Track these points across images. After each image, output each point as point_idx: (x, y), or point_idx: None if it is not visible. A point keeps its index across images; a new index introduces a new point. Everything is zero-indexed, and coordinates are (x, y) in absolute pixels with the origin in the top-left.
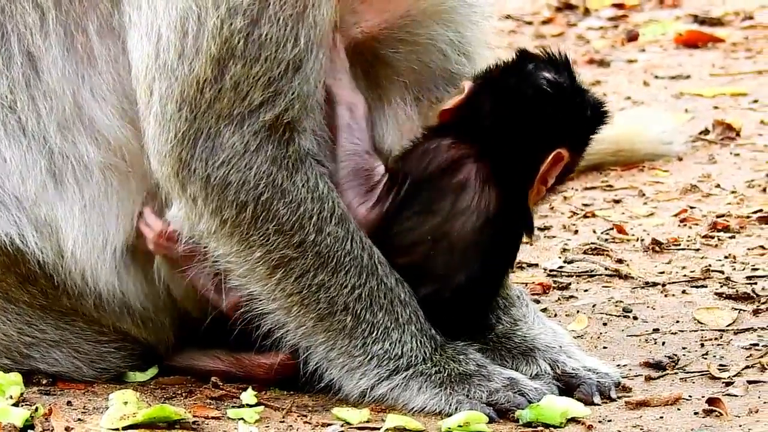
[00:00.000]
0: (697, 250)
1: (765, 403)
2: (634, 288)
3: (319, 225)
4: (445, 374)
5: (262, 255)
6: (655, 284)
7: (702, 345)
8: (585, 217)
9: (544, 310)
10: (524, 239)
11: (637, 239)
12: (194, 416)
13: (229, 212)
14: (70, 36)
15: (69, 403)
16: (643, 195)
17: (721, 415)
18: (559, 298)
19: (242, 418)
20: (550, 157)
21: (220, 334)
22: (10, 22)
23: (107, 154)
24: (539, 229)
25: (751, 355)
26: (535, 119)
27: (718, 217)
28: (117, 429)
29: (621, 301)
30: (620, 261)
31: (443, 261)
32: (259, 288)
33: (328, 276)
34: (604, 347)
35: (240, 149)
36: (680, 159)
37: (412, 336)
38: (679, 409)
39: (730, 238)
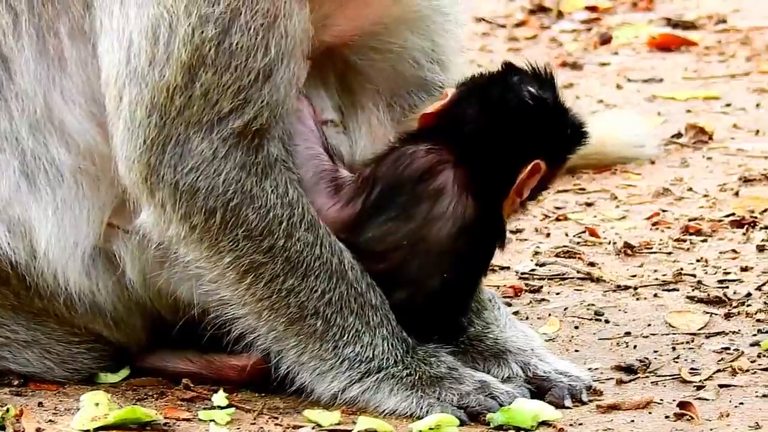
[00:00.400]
0: (669, 253)
1: (736, 407)
2: (606, 291)
3: (288, 230)
4: (417, 377)
5: (231, 260)
6: (626, 287)
7: (673, 348)
8: (557, 220)
9: (515, 313)
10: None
11: (609, 242)
12: (165, 418)
13: (198, 218)
14: (42, 38)
15: (40, 404)
16: (616, 198)
17: (692, 418)
18: (530, 301)
19: (213, 420)
20: (528, 169)
21: (192, 336)
22: None
23: (77, 157)
24: (511, 231)
25: (722, 359)
26: (515, 130)
27: (690, 220)
28: (88, 430)
29: (593, 305)
30: (592, 264)
31: (418, 266)
32: (230, 293)
33: (297, 281)
34: (576, 350)
35: (209, 156)
36: (653, 162)
37: (383, 339)
38: (650, 413)
39: (702, 241)
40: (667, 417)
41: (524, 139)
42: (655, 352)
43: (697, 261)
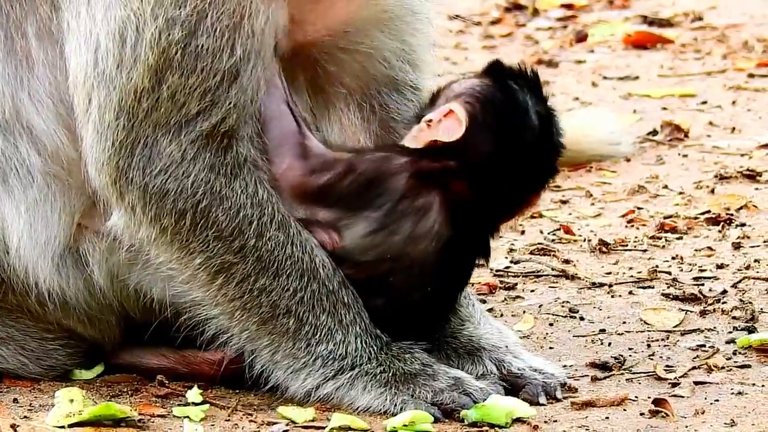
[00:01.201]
0: (645, 250)
1: (711, 404)
2: (581, 288)
3: (259, 230)
4: (390, 374)
5: (202, 261)
6: (601, 285)
7: (648, 346)
8: (532, 217)
9: (490, 310)
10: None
11: (584, 240)
12: (140, 414)
13: (168, 220)
14: (10, 39)
15: (15, 400)
16: (591, 195)
17: (667, 415)
18: (505, 299)
19: (188, 416)
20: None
21: (167, 333)
22: None
23: (46, 160)
24: None
25: (697, 356)
26: (532, 160)
27: (665, 218)
28: (63, 427)
29: (567, 302)
30: (567, 261)
31: (400, 279)
32: (201, 294)
33: (269, 280)
34: (551, 347)
35: (177, 158)
36: (628, 160)
37: (356, 336)
38: (625, 410)
39: (678, 239)
40: (642, 414)
41: (537, 167)
42: (630, 349)
43: (673, 258)
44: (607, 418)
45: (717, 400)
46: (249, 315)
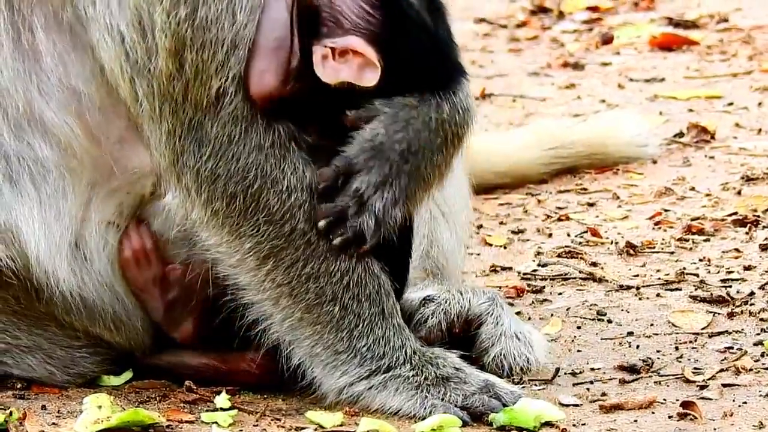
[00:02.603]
0: (672, 253)
1: (739, 406)
2: (609, 291)
3: (308, 213)
4: (423, 377)
5: (252, 245)
6: (629, 287)
7: (676, 348)
8: (559, 220)
9: (518, 313)
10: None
11: (612, 242)
12: (168, 420)
13: (219, 204)
14: (17, 33)
15: (43, 407)
16: (618, 198)
17: (696, 418)
18: (533, 302)
19: (216, 422)
20: None
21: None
22: None
23: (60, 152)
24: (513, 232)
25: (725, 358)
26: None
27: (692, 220)
28: None
29: (595, 305)
30: (594, 264)
31: None
32: (249, 278)
33: (317, 265)
34: (579, 350)
35: (224, 140)
36: (654, 162)
37: (394, 331)
38: (653, 413)
39: (705, 241)
40: (670, 417)
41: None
42: (658, 351)
43: (700, 260)
44: (636, 421)
45: (745, 402)
46: (294, 302)
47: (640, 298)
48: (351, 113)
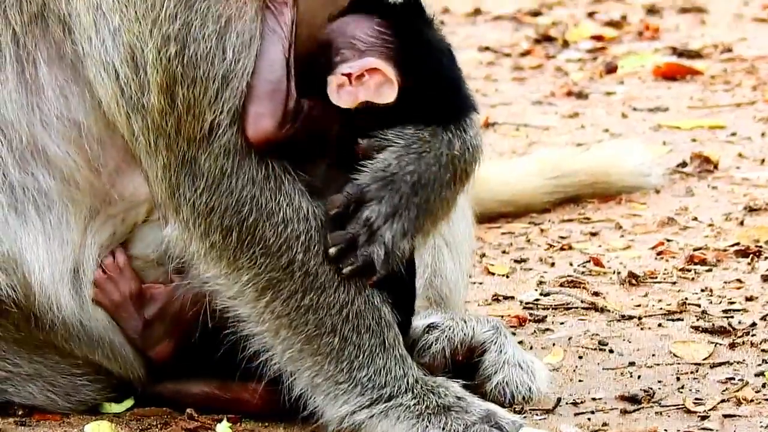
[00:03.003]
0: (674, 283)
1: None
2: (611, 321)
3: (306, 244)
4: (424, 406)
5: (250, 278)
6: (631, 317)
7: (678, 378)
8: (561, 249)
9: (520, 342)
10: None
11: (614, 272)
12: None
13: (216, 236)
14: (21, 65)
15: None
16: (620, 227)
17: None
18: (535, 331)
19: None
20: None
21: (200, 364)
22: None
23: (63, 183)
24: (516, 261)
25: (727, 389)
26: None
27: (695, 250)
28: None
29: (597, 334)
30: (596, 294)
31: None
32: (248, 310)
33: (316, 296)
34: (580, 380)
35: (217, 174)
36: (657, 191)
37: (396, 362)
38: None
39: (707, 271)
40: None
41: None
42: (660, 381)
43: (702, 291)
44: None
45: None
46: (294, 333)
47: (642, 328)
48: (363, 142)
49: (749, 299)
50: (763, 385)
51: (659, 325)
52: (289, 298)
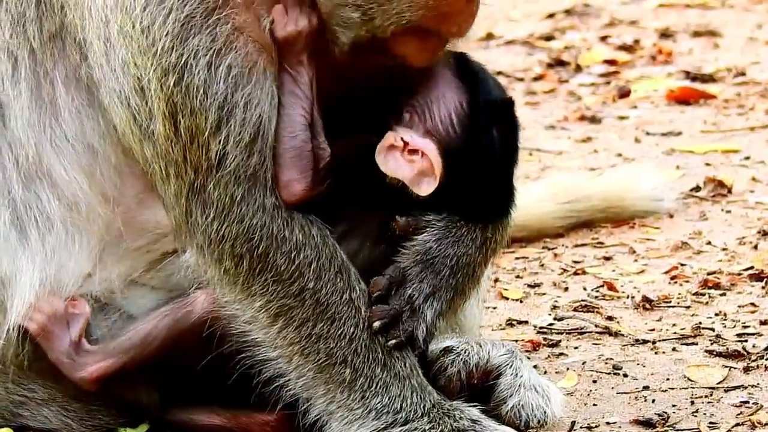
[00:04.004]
0: (688, 307)
1: None
2: (625, 345)
3: (318, 272)
4: (439, 429)
5: (262, 304)
6: (645, 341)
7: (692, 402)
8: (575, 274)
9: (534, 367)
10: None
11: (628, 296)
12: None
13: (228, 263)
14: (38, 85)
15: None
16: (634, 252)
17: None
18: (549, 356)
19: None
20: None
21: (213, 389)
22: None
23: (65, 208)
24: (529, 286)
25: (741, 412)
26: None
27: (708, 274)
28: None
29: (611, 359)
30: (610, 318)
31: None
32: (262, 335)
33: (326, 326)
34: (594, 404)
35: (227, 202)
36: (671, 216)
37: (412, 391)
38: None
39: (721, 295)
40: None
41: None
42: (674, 406)
43: (716, 315)
44: None
45: None
46: (306, 361)
47: (656, 353)
48: (401, 220)
49: (763, 323)
50: None
51: (673, 349)
52: (301, 325)
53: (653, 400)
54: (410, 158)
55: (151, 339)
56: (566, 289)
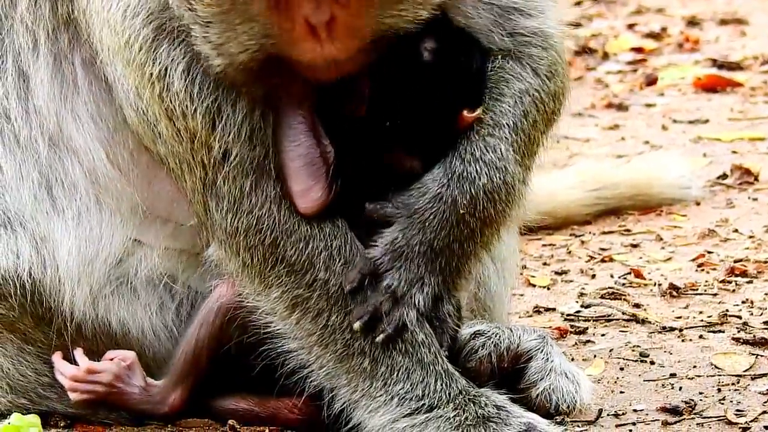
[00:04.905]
0: (715, 294)
1: None
2: (651, 333)
3: (328, 263)
4: (464, 417)
5: (278, 295)
6: (672, 329)
7: (719, 390)
8: (602, 261)
9: None
10: None
11: (655, 284)
12: None
13: (244, 255)
14: (58, 63)
15: None
16: (661, 239)
17: None
18: (576, 343)
19: None
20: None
21: (241, 376)
22: (8, 37)
23: (86, 174)
24: (557, 273)
25: None
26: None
27: (735, 261)
28: None
29: (638, 346)
30: (637, 305)
31: None
32: (282, 326)
33: (341, 317)
34: (621, 392)
35: (236, 194)
36: (698, 203)
37: (437, 377)
38: None
39: (748, 283)
40: None
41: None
42: (701, 393)
43: (743, 302)
44: None
45: None
46: (326, 351)
47: (682, 340)
48: (369, 207)
49: None
50: None
51: (700, 336)
52: (318, 316)
53: (680, 388)
54: None
55: (198, 349)
56: (593, 276)
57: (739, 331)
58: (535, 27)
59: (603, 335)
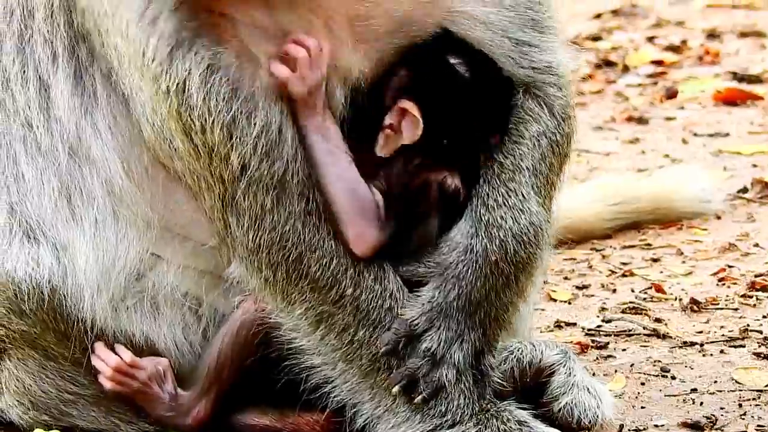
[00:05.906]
0: (736, 309)
1: None
2: (673, 347)
3: (355, 279)
4: None
5: (302, 312)
6: (693, 344)
7: (740, 405)
8: (623, 275)
9: None
10: None
11: (676, 298)
12: None
13: (267, 272)
14: (79, 75)
15: None
16: (682, 254)
17: None
18: (597, 358)
19: None
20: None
21: (262, 391)
22: (28, 47)
23: (104, 185)
24: (577, 287)
25: None
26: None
27: (756, 276)
28: None
29: (659, 361)
30: (658, 320)
31: None
32: (306, 342)
33: (368, 332)
34: (642, 407)
35: (258, 210)
36: (719, 217)
37: (460, 393)
38: None
39: None
40: None
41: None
42: (722, 408)
43: (764, 317)
44: None
45: None
46: (350, 367)
47: (704, 355)
48: (402, 270)
49: None
50: None
51: (721, 351)
52: (343, 331)
53: (701, 403)
54: (400, 128)
55: (222, 362)
56: (614, 290)
57: (760, 346)
58: (550, 62)
59: (624, 350)
